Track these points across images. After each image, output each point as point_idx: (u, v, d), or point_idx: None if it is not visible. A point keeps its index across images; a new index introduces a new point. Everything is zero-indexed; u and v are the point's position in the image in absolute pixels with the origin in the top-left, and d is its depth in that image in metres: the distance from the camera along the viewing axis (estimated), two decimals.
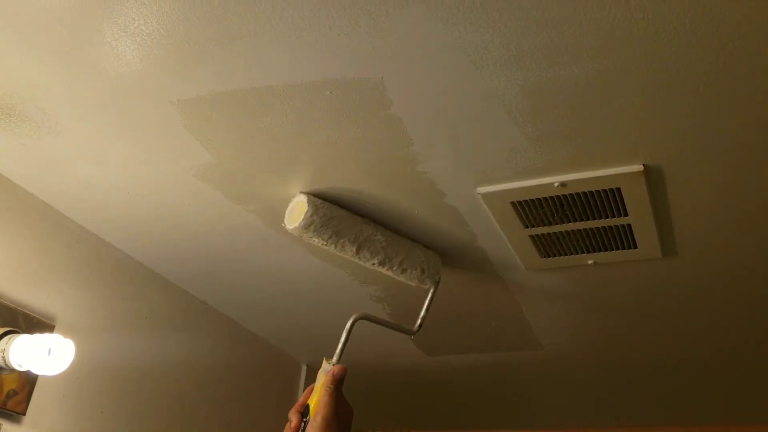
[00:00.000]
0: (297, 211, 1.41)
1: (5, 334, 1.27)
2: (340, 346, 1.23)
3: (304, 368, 2.57)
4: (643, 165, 1.23)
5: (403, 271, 1.55)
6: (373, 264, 1.52)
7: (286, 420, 1.08)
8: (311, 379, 2.55)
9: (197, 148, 1.28)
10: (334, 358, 1.16)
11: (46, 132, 1.26)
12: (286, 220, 1.43)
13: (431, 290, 1.62)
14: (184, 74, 1.09)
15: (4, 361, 1.25)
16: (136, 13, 0.97)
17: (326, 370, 1.11)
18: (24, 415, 1.37)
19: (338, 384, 1.08)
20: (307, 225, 1.39)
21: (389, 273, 1.56)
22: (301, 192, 1.42)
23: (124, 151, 1.31)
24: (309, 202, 1.39)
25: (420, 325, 1.58)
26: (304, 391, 2.67)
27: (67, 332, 1.45)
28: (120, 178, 1.40)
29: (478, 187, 1.35)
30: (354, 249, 1.46)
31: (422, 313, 1.59)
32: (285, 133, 1.22)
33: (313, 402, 1.07)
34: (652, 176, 1.26)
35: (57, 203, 1.51)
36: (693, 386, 2.39)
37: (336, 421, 1.03)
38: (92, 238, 1.63)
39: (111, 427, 1.61)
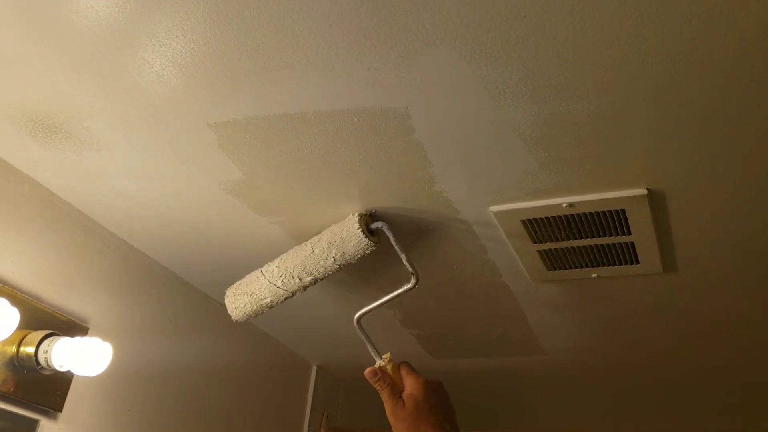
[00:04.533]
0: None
1: (47, 336, 1.36)
2: (369, 347, 1.34)
3: (314, 369, 2.66)
4: (647, 189, 1.32)
5: (336, 265, 1.52)
6: (309, 283, 1.57)
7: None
8: (321, 379, 2.65)
9: (229, 166, 1.37)
10: (376, 359, 1.24)
11: (87, 148, 1.34)
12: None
13: (390, 238, 1.45)
14: (223, 100, 1.18)
15: (47, 361, 1.34)
16: (184, 47, 1.06)
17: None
18: (60, 411, 1.46)
19: (377, 383, 1.14)
20: (238, 316, 1.68)
21: (331, 274, 1.55)
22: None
23: (160, 167, 1.39)
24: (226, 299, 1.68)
25: (412, 273, 1.43)
26: (314, 392, 2.75)
27: (100, 334, 1.54)
28: (153, 191, 1.48)
29: (491, 205, 1.44)
30: (286, 293, 1.60)
31: (405, 264, 1.43)
32: (312, 154, 1.31)
33: None
34: (655, 200, 1.35)
35: (91, 212, 1.60)
36: (690, 395, 2.49)
37: (398, 412, 1.10)
38: (122, 245, 1.72)
39: (138, 425, 1.70)
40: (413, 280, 1.46)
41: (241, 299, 1.63)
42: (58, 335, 1.37)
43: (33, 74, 1.15)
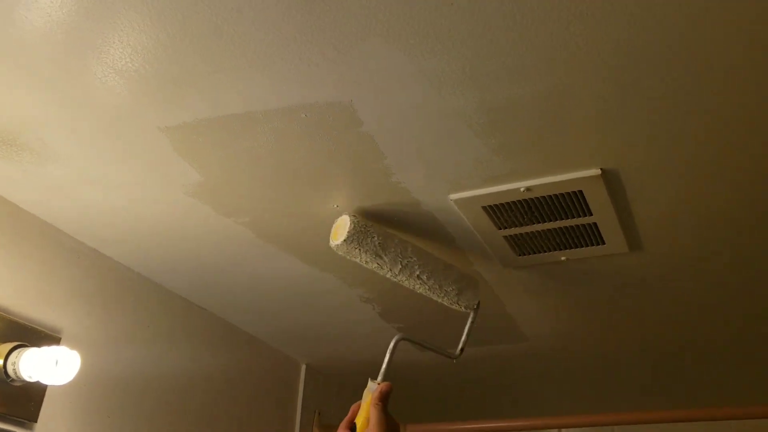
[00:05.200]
0: (341, 228, 1.48)
1: (15, 348, 1.37)
2: (384, 365, 1.25)
3: (303, 367, 2.67)
4: (601, 169, 1.33)
5: (441, 293, 1.61)
6: (409, 284, 1.58)
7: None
8: (311, 378, 2.67)
9: (187, 169, 1.38)
10: (379, 378, 1.19)
11: (45, 159, 1.36)
12: (330, 236, 1.51)
13: (471, 314, 1.65)
14: (170, 104, 1.19)
15: (15, 373, 1.35)
16: (122, 53, 1.07)
17: (372, 389, 1.14)
18: (35, 422, 1.47)
19: (386, 400, 1.12)
20: (350, 241, 1.47)
21: (425, 292, 1.61)
22: (347, 213, 1.51)
23: (120, 175, 1.40)
24: (351, 221, 1.47)
25: (461, 349, 1.62)
26: (304, 391, 2.74)
27: (73, 344, 1.55)
28: (117, 198, 1.49)
29: (450, 194, 1.45)
30: (394, 270, 1.54)
31: (463, 338, 1.63)
32: (266, 152, 1.32)
33: (360, 420, 1.12)
34: (610, 179, 1.35)
35: (59, 223, 1.61)
36: (672, 373, 2.50)
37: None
38: (92, 253, 1.73)
39: None
40: (458, 353, 1.63)
41: (370, 239, 1.49)
42: (27, 346, 1.39)
43: None
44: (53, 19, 1.01)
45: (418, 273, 1.56)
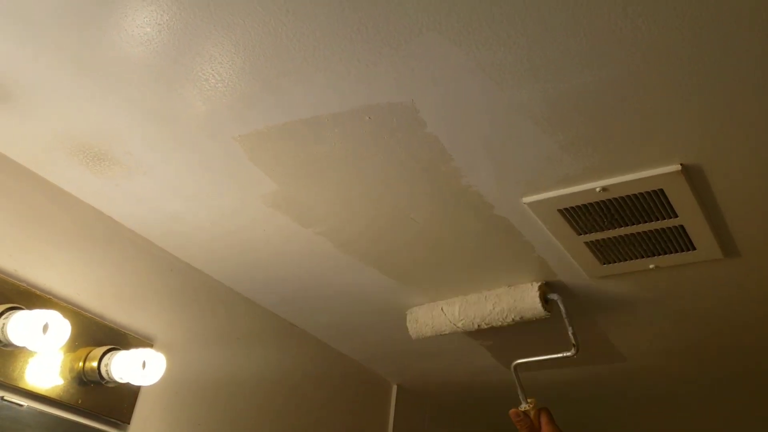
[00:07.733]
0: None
1: (108, 351, 1.45)
2: (519, 391, 1.52)
3: (394, 388, 2.65)
4: (681, 165, 1.26)
5: (512, 322, 1.79)
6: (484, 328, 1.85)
7: None
8: (402, 399, 2.65)
9: (263, 178, 1.43)
10: (523, 402, 1.43)
11: (134, 172, 1.45)
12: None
13: (562, 311, 1.69)
14: (240, 112, 1.24)
15: (108, 374, 1.43)
16: (200, 67, 1.13)
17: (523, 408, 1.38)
18: (129, 424, 1.55)
19: (518, 424, 1.30)
20: (417, 336, 1.95)
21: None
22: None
23: (201, 186, 1.48)
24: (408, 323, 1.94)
25: (575, 345, 1.66)
26: (396, 411, 2.72)
27: (165, 349, 1.63)
28: (201, 210, 1.57)
29: (523, 197, 1.41)
30: (460, 330, 1.88)
31: (570, 331, 1.66)
32: (337, 158, 1.35)
33: None
34: (693, 175, 1.28)
35: (152, 236, 1.71)
36: None
37: None
38: (184, 267, 1.81)
39: None
40: (573, 351, 1.67)
41: (424, 327, 1.93)
42: (118, 349, 1.47)
43: (73, 105, 1.27)
44: (147, 46, 1.09)
45: (478, 324, 1.84)
